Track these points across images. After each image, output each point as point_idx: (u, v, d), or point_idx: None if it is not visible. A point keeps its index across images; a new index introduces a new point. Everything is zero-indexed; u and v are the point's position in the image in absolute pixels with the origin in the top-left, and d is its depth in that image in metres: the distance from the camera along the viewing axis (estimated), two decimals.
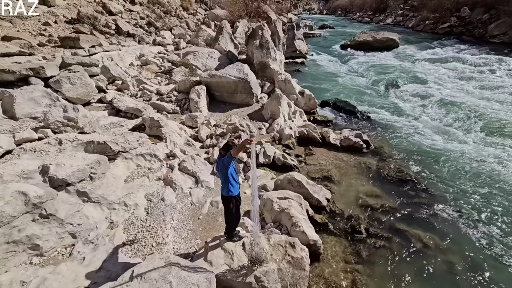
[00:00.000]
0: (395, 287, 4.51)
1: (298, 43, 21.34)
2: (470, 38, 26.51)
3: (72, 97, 8.33)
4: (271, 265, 4.09)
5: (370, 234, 5.47)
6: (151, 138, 7.45)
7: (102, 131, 7.36)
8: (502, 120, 10.20)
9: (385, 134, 9.64)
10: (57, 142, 5.87)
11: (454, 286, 4.57)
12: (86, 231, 4.57)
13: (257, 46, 13.44)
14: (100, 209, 4.99)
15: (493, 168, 7.56)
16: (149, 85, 11.12)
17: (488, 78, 15.15)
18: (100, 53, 11.77)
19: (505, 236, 5.49)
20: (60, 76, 8.31)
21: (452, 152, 8.38)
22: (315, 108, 11.37)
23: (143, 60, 13.64)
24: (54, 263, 4.07)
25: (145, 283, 3.31)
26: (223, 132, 8.48)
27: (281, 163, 7.47)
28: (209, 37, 17.48)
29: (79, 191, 4.91)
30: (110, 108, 8.81)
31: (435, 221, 5.87)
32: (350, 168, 7.64)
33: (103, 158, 5.63)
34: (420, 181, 7.11)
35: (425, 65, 18.31)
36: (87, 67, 9.60)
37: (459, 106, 11.49)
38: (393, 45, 24.02)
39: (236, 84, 10.57)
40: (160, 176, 6.35)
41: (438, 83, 14.59)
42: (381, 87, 14.70)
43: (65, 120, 6.52)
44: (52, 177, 4.76)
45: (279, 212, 5.32)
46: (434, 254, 5.11)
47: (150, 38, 16.79)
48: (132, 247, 4.59)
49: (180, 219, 5.37)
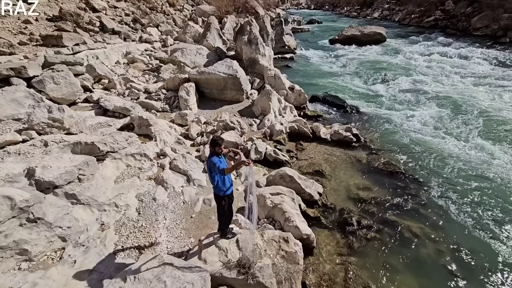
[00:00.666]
0: (387, 276, 4.62)
1: (287, 38, 21.30)
2: (454, 31, 27.04)
3: (57, 97, 8.09)
4: (265, 261, 4.12)
5: (361, 226, 5.57)
6: (141, 138, 7.34)
7: (89, 131, 7.19)
8: (488, 110, 10.50)
9: (375, 127, 9.78)
10: (43, 144, 5.70)
11: (442, 273, 4.70)
12: (76, 234, 4.48)
13: (245, 42, 13.36)
14: (90, 211, 4.90)
15: (479, 158, 7.79)
16: (136, 83, 10.91)
17: (472, 70, 15.54)
18: (84, 51, 11.45)
19: (491, 223, 5.68)
20: (43, 75, 8.05)
21: (439, 143, 8.58)
22: (305, 103, 11.42)
23: (129, 57, 13.36)
24: (44, 267, 3.99)
25: (139, 284, 3.28)
26: (214, 130, 8.42)
27: (272, 159, 7.49)
28: (196, 34, 17.25)
29: (68, 194, 4.80)
30: (97, 107, 8.61)
31: (423, 211, 6.02)
32: (341, 162, 7.73)
33: (91, 159, 5.51)
34: (409, 173, 7.27)
35: (412, 59, 18.61)
36: (71, 66, 9.33)
37: (446, 99, 11.76)
38: (381, 39, 24.28)
39: (226, 81, 10.50)
40: (151, 176, 6.27)
41: (425, 76, 14.86)
42: (369, 81, 14.87)
43: (50, 121, 6.34)
44: (38, 180, 4.63)
45: (272, 207, 5.35)
46: (423, 243, 5.25)
47: (136, 35, 16.44)
48: (124, 248, 4.53)
49: (173, 218, 5.33)
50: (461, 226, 5.65)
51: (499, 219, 5.76)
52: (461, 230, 5.56)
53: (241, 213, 5.32)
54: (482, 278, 4.62)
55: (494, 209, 6.03)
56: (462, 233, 5.49)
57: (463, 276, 4.64)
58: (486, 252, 5.07)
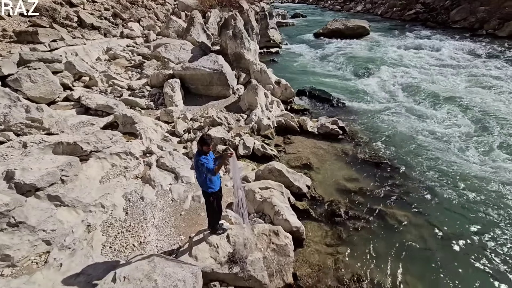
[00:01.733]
0: (375, 263, 4.77)
1: (272, 32, 21.21)
2: (434, 24, 27.70)
3: (35, 96, 7.76)
4: (256, 254, 4.15)
5: (349, 217, 5.70)
6: (125, 136, 7.16)
7: (71, 131, 6.96)
8: (468, 100, 10.87)
9: (360, 119, 9.96)
10: (21, 145, 5.47)
11: (426, 257, 4.89)
12: (61, 237, 4.35)
13: (230, 37, 13.20)
14: (75, 213, 4.77)
15: (461, 147, 8.08)
16: (119, 80, 10.61)
17: (451, 62, 16.06)
18: (62, 48, 10.99)
19: (473, 207, 5.94)
20: (19, 74, 7.68)
21: (422, 133, 8.84)
22: (291, 98, 11.46)
23: (111, 54, 12.95)
24: (28, 272, 3.86)
25: (129, 284, 3.23)
26: (201, 126, 8.34)
27: (261, 154, 7.50)
28: (180, 28, 16.89)
29: (51, 196, 4.65)
30: (79, 106, 8.33)
31: (408, 199, 6.23)
32: (328, 155, 7.85)
33: (74, 160, 5.34)
34: (394, 163, 7.47)
35: (394, 51, 18.97)
36: (49, 64, 8.95)
37: (427, 90, 12.08)
38: (364, 33, 24.57)
39: (211, 76, 10.37)
40: (138, 174, 6.15)
41: (406, 69, 15.19)
42: (354, 74, 15.08)
43: (29, 121, 6.08)
44: (18, 183, 4.46)
45: (261, 202, 5.38)
46: (408, 230, 5.43)
47: (117, 31, 15.93)
48: (112, 249, 4.45)
49: (162, 216, 5.27)
50: (443, 212, 5.88)
51: (481, 203, 6.03)
52: (444, 215, 5.79)
53: (230, 209, 5.32)
54: (465, 261, 4.84)
55: (475, 193, 6.30)
56: (444, 218, 5.72)
57: (446, 259, 4.85)
58: (468, 236, 5.31)
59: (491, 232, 5.36)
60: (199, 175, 3.88)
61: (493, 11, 23.49)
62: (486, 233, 5.35)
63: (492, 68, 14.56)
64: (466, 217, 5.71)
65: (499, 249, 5.02)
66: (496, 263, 4.77)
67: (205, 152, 3.80)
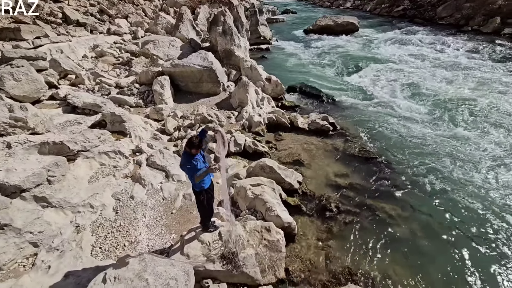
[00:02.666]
0: (365, 256, 4.85)
1: (262, 29, 21.13)
2: (421, 20, 28.12)
3: (18, 95, 7.53)
4: (249, 251, 4.17)
5: (340, 211, 5.77)
6: (114, 135, 7.04)
7: (57, 130, 6.79)
8: (456, 95, 11.12)
9: (350, 115, 10.06)
10: (5, 146, 5.31)
11: (415, 249, 5.01)
12: (49, 238, 4.26)
13: (220, 33, 13.08)
14: (63, 214, 4.67)
15: (449, 142, 8.25)
16: (107, 78, 10.40)
17: (438, 57, 16.38)
18: (47, 45, 10.71)
19: (461, 201, 6.08)
20: (1, 72, 7.43)
21: (411, 128, 9.00)
22: (282, 94, 11.47)
23: (97, 51, 12.67)
24: (15, 275, 3.77)
25: (120, 284, 3.20)
26: (191, 123, 8.27)
27: (252, 151, 7.50)
28: (169, 25, 16.64)
29: (37, 197, 4.54)
30: (65, 105, 8.13)
31: (397, 193, 6.34)
32: (319, 151, 7.90)
33: (61, 159, 5.23)
34: (383, 157, 7.58)
35: (383, 48, 19.23)
36: (32, 61, 8.70)
37: (416, 85, 12.30)
38: (353, 29, 24.76)
39: (201, 73, 10.27)
40: (127, 174, 6.07)
41: (395, 65, 15.42)
42: (344, 71, 15.20)
43: (12, 120, 5.90)
44: (2, 184, 4.33)
45: (253, 198, 5.38)
46: (397, 223, 5.54)
47: (104, 27, 15.58)
48: (102, 249, 4.39)
49: (153, 215, 5.22)
50: (431, 205, 6.02)
51: (469, 196, 6.19)
52: (432, 208, 5.93)
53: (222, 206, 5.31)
54: (453, 252, 4.97)
55: (463, 187, 6.46)
56: (432, 211, 5.85)
57: (434, 251, 4.97)
58: (456, 228, 5.45)
59: (478, 224, 5.51)
60: (190, 174, 3.83)
61: (477, 8, 24.01)
62: (473, 224, 5.50)
63: (476, 63, 14.94)
64: (454, 210, 5.85)
65: (485, 239, 5.18)
66: (483, 254, 4.92)
67: (193, 154, 3.69)
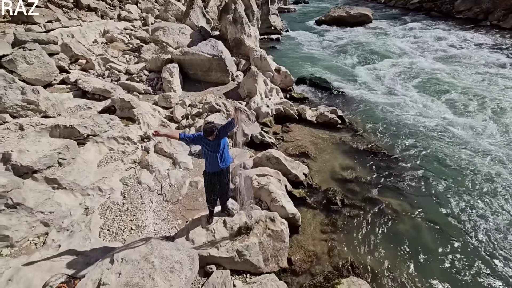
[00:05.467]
0: (369, 251, 4.87)
1: (273, 18, 20.78)
2: (438, 13, 27.17)
3: (30, 78, 7.64)
4: (252, 239, 4.22)
5: (345, 205, 5.77)
6: (123, 120, 7.12)
7: (68, 114, 6.90)
8: (471, 91, 10.81)
9: (359, 109, 9.92)
10: (18, 128, 5.44)
11: (419, 246, 4.99)
12: (59, 219, 4.39)
13: (230, 22, 12.92)
14: (73, 196, 4.79)
15: (462, 139, 8.10)
16: (116, 64, 10.44)
17: (454, 54, 15.86)
18: (58, 29, 10.76)
19: (469, 200, 6.01)
20: (13, 54, 7.52)
21: (421, 124, 8.84)
22: (291, 85, 11.36)
23: (108, 36, 12.69)
24: (27, 253, 3.91)
25: (127, 265, 3.29)
26: (199, 112, 8.28)
27: (259, 141, 7.50)
28: (179, 12, 16.50)
29: (48, 178, 4.65)
30: (75, 89, 8.22)
31: (404, 189, 6.29)
32: (326, 144, 7.86)
33: (71, 143, 5.32)
34: (392, 153, 7.50)
35: (397, 41, 18.72)
36: (44, 45, 8.78)
37: (429, 81, 12.01)
38: (367, 21, 24.15)
39: (211, 62, 10.22)
40: (135, 159, 6.15)
41: (409, 59, 15.04)
42: (355, 63, 14.91)
43: (25, 103, 6.02)
44: (15, 165, 4.45)
45: (258, 188, 5.42)
46: (403, 219, 5.52)
47: (115, 13, 15.55)
48: (110, 232, 4.51)
49: (159, 201, 5.31)
50: (438, 202, 5.96)
51: (479, 195, 6.09)
52: (439, 205, 5.87)
53: None
54: (458, 250, 4.94)
55: (473, 185, 6.37)
56: (439, 208, 5.80)
57: (439, 247, 4.95)
58: (463, 227, 5.39)
59: (487, 223, 5.43)
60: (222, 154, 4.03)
61: (498, 2, 23.04)
62: (482, 223, 5.43)
63: (494, 60, 14.43)
64: (462, 209, 5.78)
65: (494, 238, 5.12)
66: (490, 253, 4.88)
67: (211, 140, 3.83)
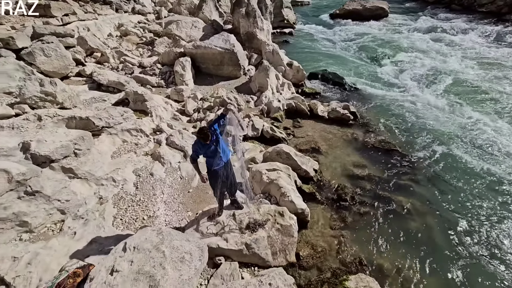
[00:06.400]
0: (377, 249, 4.82)
1: (286, 12, 20.52)
2: (459, 7, 26.08)
3: (48, 70, 7.86)
4: (261, 233, 4.25)
5: (355, 202, 5.71)
6: (136, 113, 7.25)
7: (83, 106, 7.08)
8: (490, 91, 10.42)
9: (372, 105, 9.73)
10: (36, 118, 5.62)
11: (430, 247, 4.90)
12: (75, 207, 4.54)
13: (243, 15, 12.84)
14: (88, 185, 4.94)
15: (476, 138, 7.84)
16: (130, 57, 10.59)
17: (476, 49, 15.25)
18: (74, 22, 10.98)
19: (483, 203, 5.83)
20: (32, 47, 7.75)
21: (437, 123, 8.60)
22: (303, 80, 11.24)
23: (122, 30, 12.86)
24: (44, 238, 4.08)
25: (138, 254, 3.38)
26: (211, 106, 8.33)
27: (269, 136, 7.49)
28: (192, 5, 16.51)
29: (64, 168, 4.81)
30: (91, 82, 8.41)
31: (416, 188, 6.16)
32: (338, 140, 7.77)
33: (87, 134, 5.47)
34: (404, 151, 7.34)
35: (414, 36, 18.15)
36: (61, 38, 9.00)
37: (447, 78, 11.61)
38: (383, 14, 23.51)
39: (223, 56, 10.22)
40: (148, 151, 6.27)
41: (426, 55, 14.58)
42: (369, 58, 14.59)
43: (43, 95, 6.20)
44: (34, 154, 4.62)
45: (268, 183, 5.43)
46: (414, 219, 5.42)
47: (129, 6, 15.72)
48: (123, 221, 4.64)
49: (170, 193, 5.41)
50: (451, 203, 5.81)
51: (494, 198, 5.90)
52: (452, 207, 5.73)
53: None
54: (470, 252, 4.83)
55: (488, 187, 6.17)
56: (452, 209, 5.66)
57: (451, 250, 4.85)
58: (477, 229, 5.25)
59: (505, 229, 5.26)
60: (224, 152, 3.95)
61: None
62: (498, 228, 5.25)
63: None
64: (478, 212, 5.59)
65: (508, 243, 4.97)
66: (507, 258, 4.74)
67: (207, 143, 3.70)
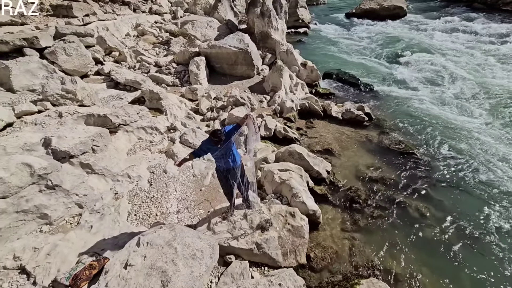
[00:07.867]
0: (391, 253, 4.72)
1: (301, 11, 20.38)
2: (481, 5, 25.13)
3: (69, 69, 8.14)
4: (272, 233, 4.25)
5: (368, 205, 5.61)
6: (151, 111, 7.40)
7: (101, 104, 7.29)
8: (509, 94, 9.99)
9: (388, 106, 9.53)
10: (57, 115, 5.84)
11: (445, 253, 4.75)
12: (92, 202, 4.69)
13: (258, 15, 12.85)
14: (104, 181, 5.09)
15: (495, 143, 7.54)
16: (147, 56, 10.82)
17: (497, 50, 14.63)
18: (94, 22, 11.32)
19: (502, 210, 5.61)
20: (55, 46, 8.05)
21: (454, 126, 8.33)
22: (317, 80, 11.14)
23: (139, 30, 13.15)
24: (63, 231, 4.24)
25: (151, 249, 3.46)
26: (224, 105, 8.39)
27: (282, 136, 7.47)
28: (207, 5, 16.69)
29: (83, 163, 4.97)
30: (109, 80, 8.65)
31: (432, 193, 5.98)
32: (351, 141, 7.65)
33: (104, 131, 5.63)
34: (420, 153, 7.15)
35: (433, 36, 17.61)
36: (82, 38, 9.28)
37: (466, 79, 11.22)
38: (401, 14, 22.96)
39: (237, 55, 10.27)
40: (162, 149, 6.39)
41: (445, 55, 14.13)
42: (386, 58, 14.28)
43: (64, 92, 6.43)
44: (55, 149, 4.80)
45: (279, 183, 5.42)
46: (429, 224, 5.27)
47: (146, 6, 16.05)
48: (137, 216, 4.75)
49: (183, 190, 5.49)
50: (468, 209, 5.61)
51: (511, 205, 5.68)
52: (469, 212, 5.53)
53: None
54: (490, 262, 4.65)
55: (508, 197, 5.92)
56: (469, 215, 5.46)
57: (468, 257, 4.68)
58: (495, 237, 5.05)
59: None
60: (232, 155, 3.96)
61: None
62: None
63: None
64: (497, 221, 5.37)
65: None
66: None
67: None
